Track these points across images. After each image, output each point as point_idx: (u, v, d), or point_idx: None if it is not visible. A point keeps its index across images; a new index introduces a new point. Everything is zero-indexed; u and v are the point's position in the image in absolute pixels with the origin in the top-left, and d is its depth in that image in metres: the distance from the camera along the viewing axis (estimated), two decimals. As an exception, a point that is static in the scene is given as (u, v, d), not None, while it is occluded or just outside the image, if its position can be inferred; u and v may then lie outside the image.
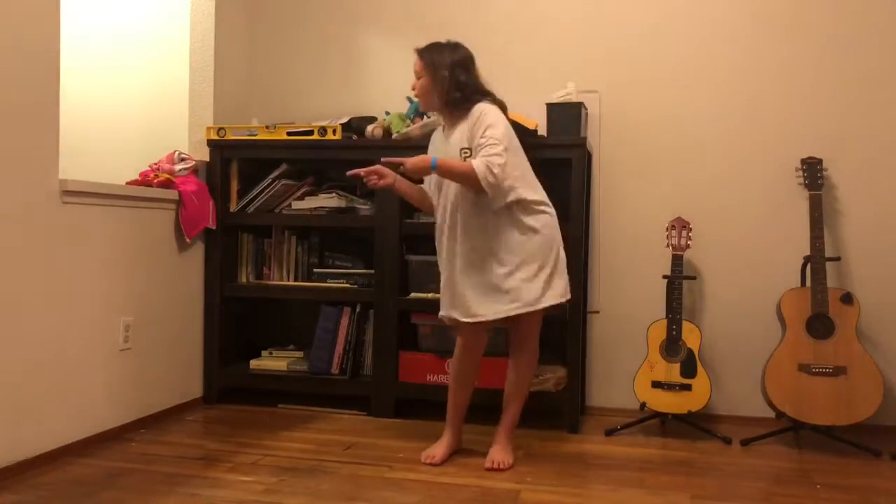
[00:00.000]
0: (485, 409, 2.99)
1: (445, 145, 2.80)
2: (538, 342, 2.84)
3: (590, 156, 3.45)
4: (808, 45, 3.41)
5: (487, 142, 2.62)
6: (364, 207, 3.53)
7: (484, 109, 2.69)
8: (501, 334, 3.09)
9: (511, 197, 2.67)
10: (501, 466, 2.70)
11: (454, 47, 2.78)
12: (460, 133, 2.73)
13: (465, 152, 2.70)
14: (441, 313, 2.83)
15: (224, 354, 3.60)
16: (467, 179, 2.63)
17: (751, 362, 3.34)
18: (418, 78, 2.79)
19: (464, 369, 2.82)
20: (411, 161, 2.69)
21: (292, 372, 3.55)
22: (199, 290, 3.57)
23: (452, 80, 2.71)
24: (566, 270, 2.81)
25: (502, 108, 2.76)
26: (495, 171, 2.58)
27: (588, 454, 2.96)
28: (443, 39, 2.81)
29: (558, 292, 2.75)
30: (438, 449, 2.81)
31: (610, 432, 3.21)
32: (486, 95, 2.75)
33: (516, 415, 2.84)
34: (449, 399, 2.87)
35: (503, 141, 2.64)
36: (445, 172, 2.69)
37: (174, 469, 2.66)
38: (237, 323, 3.69)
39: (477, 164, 2.59)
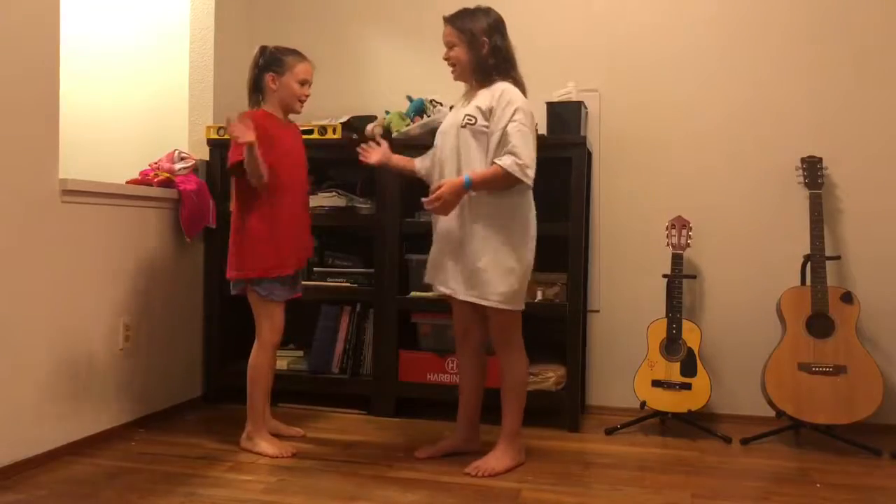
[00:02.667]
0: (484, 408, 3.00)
1: (457, 115, 2.71)
2: (520, 339, 2.75)
3: (590, 154, 3.45)
4: (809, 44, 3.41)
5: (518, 127, 2.54)
6: (364, 206, 3.52)
7: (511, 89, 2.61)
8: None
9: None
10: (479, 473, 2.62)
11: (487, 11, 2.68)
12: (474, 103, 2.64)
13: (470, 119, 2.61)
14: (428, 281, 2.80)
15: (224, 354, 3.60)
16: (503, 181, 2.55)
17: (751, 361, 3.33)
18: (450, 48, 2.69)
19: (460, 360, 2.85)
20: (446, 191, 2.54)
21: (292, 371, 3.55)
22: (199, 289, 3.57)
23: (490, 45, 2.63)
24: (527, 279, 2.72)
25: (522, 88, 2.68)
26: (529, 163, 2.53)
27: (588, 453, 2.97)
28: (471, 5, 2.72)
29: (520, 298, 2.69)
30: (432, 445, 2.82)
31: (610, 431, 3.21)
32: (514, 67, 2.69)
33: (512, 418, 2.72)
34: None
35: (531, 129, 2.58)
36: (481, 186, 2.58)
37: (174, 468, 2.66)
38: (237, 322, 3.68)
39: (509, 164, 2.50)
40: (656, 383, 3.18)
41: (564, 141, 3.22)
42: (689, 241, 3.29)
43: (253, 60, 2.91)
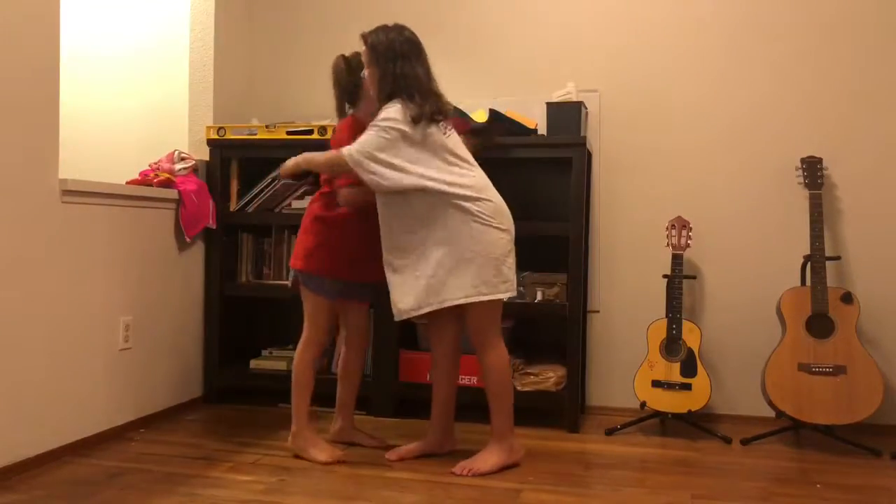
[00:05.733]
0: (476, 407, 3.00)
1: None
2: (499, 335, 2.68)
3: (590, 155, 3.45)
4: (808, 45, 3.41)
5: (371, 129, 2.57)
6: (364, 207, 3.52)
7: (393, 106, 2.56)
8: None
9: (406, 184, 2.56)
10: (465, 472, 2.63)
11: (400, 30, 2.65)
12: None
13: None
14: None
15: (224, 354, 3.60)
16: (340, 168, 2.62)
17: (751, 361, 3.34)
18: (366, 66, 2.68)
19: (436, 361, 2.84)
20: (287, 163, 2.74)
21: (292, 372, 3.54)
22: (199, 290, 3.57)
23: (393, 72, 2.59)
24: (487, 264, 2.58)
25: (424, 107, 2.57)
26: (362, 154, 2.54)
27: (588, 453, 2.97)
28: (389, 23, 2.71)
29: (464, 289, 2.58)
30: (403, 447, 2.82)
31: (610, 432, 3.21)
32: (419, 93, 2.58)
33: (500, 417, 2.69)
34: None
35: (386, 134, 2.53)
36: (310, 166, 2.71)
37: (174, 469, 2.66)
38: (237, 323, 3.69)
39: (346, 151, 2.57)
40: (656, 383, 3.18)
41: (564, 141, 3.22)
42: (689, 241, 3.29)
43: (341, 70, 2.80)
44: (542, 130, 3.32)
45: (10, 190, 2.52)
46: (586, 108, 3.47)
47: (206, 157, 3.57)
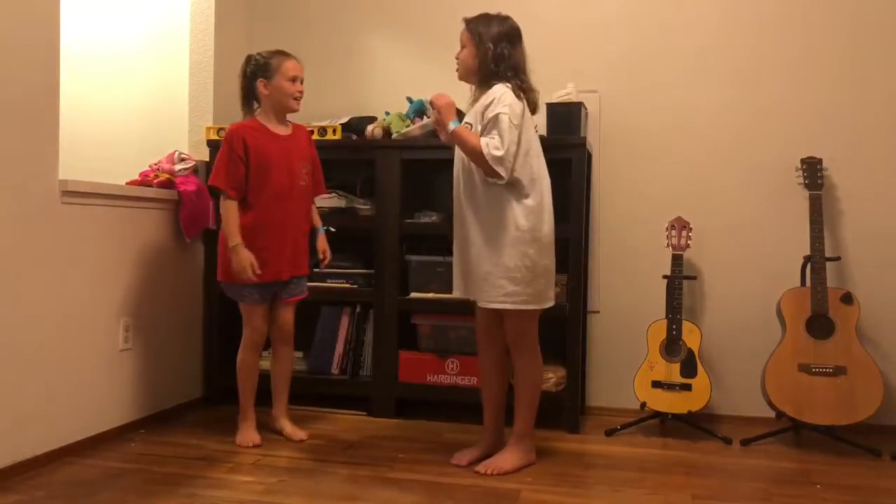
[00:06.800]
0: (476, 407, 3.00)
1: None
2: (535, 341, 2.72)
3: (589, 156, 3.45)
4: (808, 45, 3.41)
5: (507, 120, 2.53)
6: (364, 207, 3.52)
7: (504, 90, 2.60)
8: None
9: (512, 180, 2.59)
10: (488, 471, 2.65)
11: (503, 19, 2.71)
12: (474, 108, 2.68)
13: (468, 125, 2.64)
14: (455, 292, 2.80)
15: (224, 354, 3.59)
16: (477, 158, 2.55)
17: (751, 362, 3.33)
18: (461, 47, 2.73)
19: (483, 363, 2.82)
20: (443, 109, 2.62)
21: (292, 372, 3.54)
22: (199, 290, 3.57)
23: (494, 52, 2.65)
24: (550, 276, 2.69)
25: (526, 93, 2.66)
26: (506, 156, 2.50)
27: (588, 454, 2.97)
28: (492, 11, 2.74)
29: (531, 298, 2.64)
30: (466, 452, 2.79)
31: (610, 432, 3.21)
32: (517, 76, 2.66)
33: (522, 418, 2.72)
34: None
35: (516, 127, 2.55)
36: (456, 141, 2.62)
37: (174, 469, 2.66)
38: (237, 323, 3.68)
39: (486, 149, 2.51)
40: (656, 384, 3.18)
41: (564, 142, 3.22)
42: (689, 241, 3.30)
43: (241, 71, 2.98)
44: (542, 131, 3.31)
45: (10, 190, 2.52)
46: (586, 109, 3.47)
47: (206, 158, 3.56)
